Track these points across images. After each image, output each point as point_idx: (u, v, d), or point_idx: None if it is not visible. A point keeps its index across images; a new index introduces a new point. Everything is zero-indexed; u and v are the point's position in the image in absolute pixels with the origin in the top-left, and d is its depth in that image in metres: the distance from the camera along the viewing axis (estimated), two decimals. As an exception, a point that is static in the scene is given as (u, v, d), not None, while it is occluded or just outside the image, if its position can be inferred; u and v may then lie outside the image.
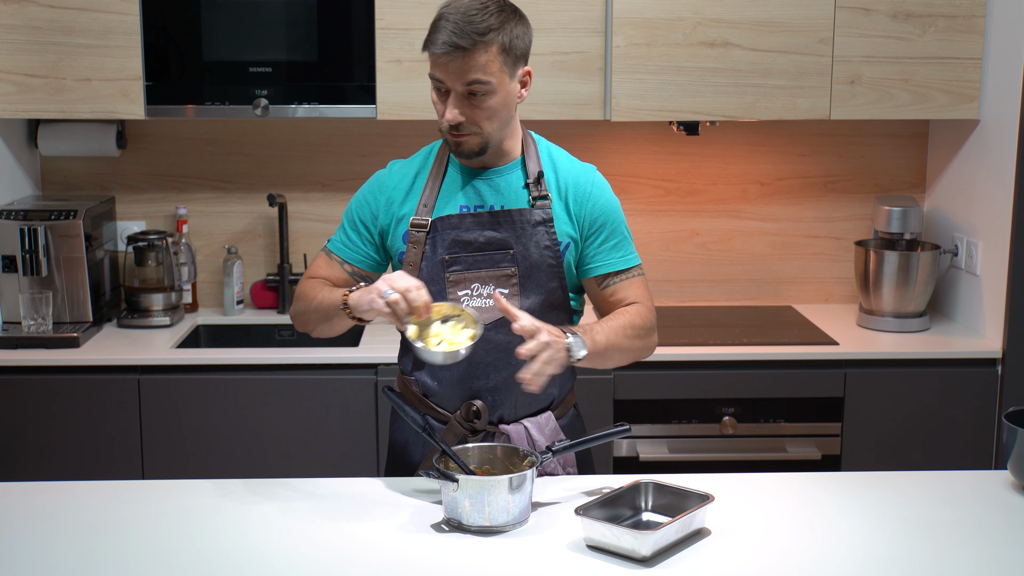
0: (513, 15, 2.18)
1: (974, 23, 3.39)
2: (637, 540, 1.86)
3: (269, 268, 3.81)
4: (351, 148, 3.75)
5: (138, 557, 1.91)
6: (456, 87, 2.14)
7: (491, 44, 2.12)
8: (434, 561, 1.89)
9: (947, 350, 3.37)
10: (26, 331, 3.32)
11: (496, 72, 2.14)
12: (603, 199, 2.30)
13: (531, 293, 2.26)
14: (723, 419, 3.31)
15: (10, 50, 3.33)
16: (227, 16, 3.34)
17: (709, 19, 3.35)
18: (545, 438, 2.29)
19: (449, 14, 2.13)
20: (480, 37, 2.11)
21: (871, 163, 3.83)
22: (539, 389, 2.06)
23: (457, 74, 2.13)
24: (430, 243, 2.25)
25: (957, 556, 1.92)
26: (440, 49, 2.11)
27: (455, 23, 2.11)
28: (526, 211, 2.25)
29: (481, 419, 2.27)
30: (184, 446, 3.24)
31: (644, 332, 2.30)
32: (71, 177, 3.75)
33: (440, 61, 2.13)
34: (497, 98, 2.17)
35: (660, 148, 3.79)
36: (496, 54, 2.13)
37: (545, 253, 2.25)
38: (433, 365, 2.23)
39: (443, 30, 2.12)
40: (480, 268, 2.25)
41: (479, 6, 2.14)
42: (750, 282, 3.88)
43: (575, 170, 2.31)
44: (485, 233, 2.25)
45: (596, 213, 2.29)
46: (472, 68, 2.12)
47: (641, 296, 2.33)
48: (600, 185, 2.31)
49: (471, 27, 2.10)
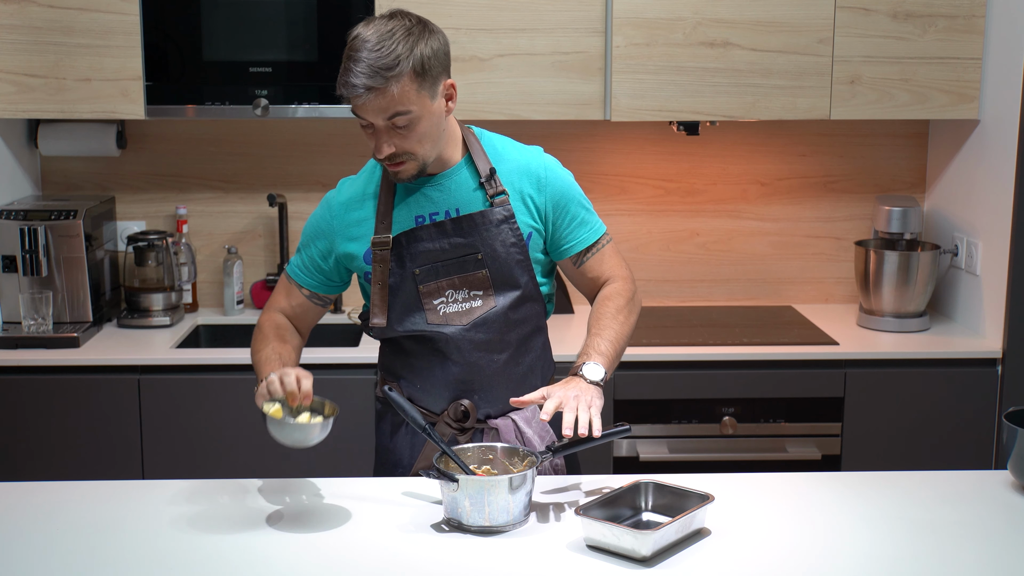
0: (421, 34, 2.12)
1: (974, 23, 3.39)
2: (637, 540, 1.86)
3: (269, 268, 3.81)
4: (351, 148, 3.75)
5: (138, 557, 1.91)
6: (379, 123, 2.12)
7: (402, 75, 2.08)
8: (434, 561, 1.89)
9: (947, 350, 3.37)
10: (26, 331, 3.32)
11: (414, 99, 2.11)
12: (558, 180, 2.30)
13: (504, 291, 2.27)
14: (723, 419, 3.31)
15: (10, 50, 3.33)
16: (227, 16, 3.34)
17: (709, 19, 3.35)
18: (533, 430, 2.30)
19: (355, 53, 2.09)
20: (388, 72, 2.07)
21: (871, 163, 3.83)
22: (598, 432, 2.07)
23: (376, 111, 2.10)
24: (395, 259, 2.25)
25: (957, 556, 1.92)
26: (352, 92, 2.09)
27: (363, 63, 2.07)
28: (487, 212, 2.24)
29: (469, 418, 2.28)
30: (184, 446, 3.24)
31: (632, 306, 2.34)
32: (71, 177, 3.75)
33: (357, 103, 2.11)
34: (423, 123, 2.14)
35: (660, 148, 3.79)
36: (410, 82, 2.09)
37: (512, 250, 2.25)
38: (416, 371, 2.30)
39: (352, 72, 2.08)
40: (451, 274, 2.26)
41: (382, 36, 2.09)
42: (750, 282, 3.88)
43: (523, 158, 2.30)
44: (451, 240, 2.25)
45: (556, 196, 2.29)
46: (389, 104, 2.09)
47: (616, 267, 2.36)
48: (551, 167, 2.31)
49: (379, 63, 2.06)
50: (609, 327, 2.26)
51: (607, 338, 2.24)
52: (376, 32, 2.10)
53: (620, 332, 2.27)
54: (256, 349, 2.30)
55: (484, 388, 2.29)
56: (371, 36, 2.09)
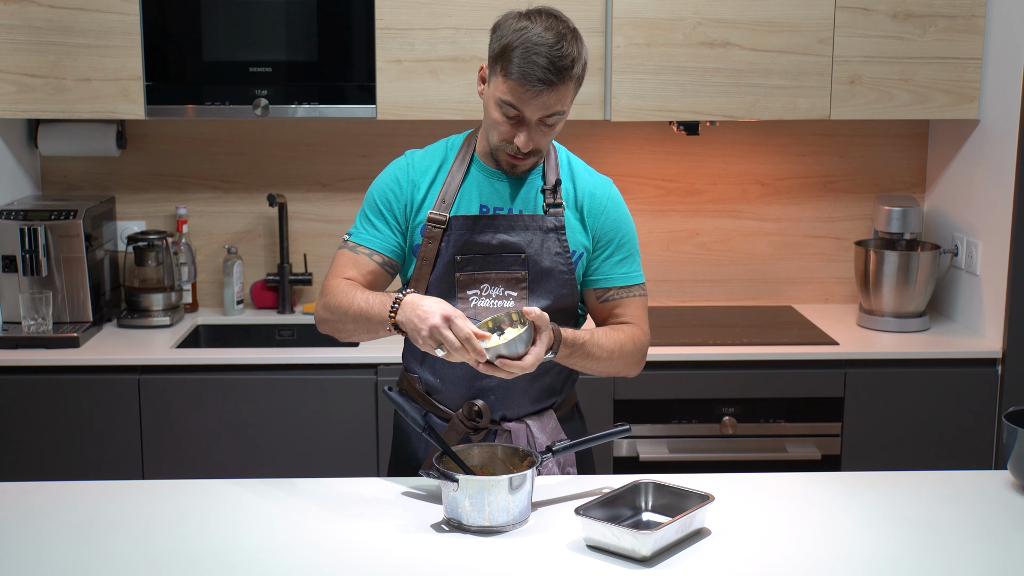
0: (578, 36, 2.15)
1: (974, 23, 3.39)
2: (637, 540, 1.86)
3: (269, 268, 3.81)
4: (351, 148, 3.75)
5: (137, 557, 1.91)
6: (534, 117, 2.14)
7: (572, 77, 2.13)
8: (434, 561, 1.89)
9: (947, 350, 3.37)
10: (26, 331, 3.32)
11: (569, 102, 2.17)
12: (616, 213, 2.31)
13: (540, 297, 2.26)
14: (723, 419, 3.31)
15: (10, 50, 3.33)
16: (227, 16, 3.33)
17: (709, 19, 3.35)
18: (546, 436, 2.29)
19: (536, 45, 2.08)
20: (566, 72, 2.10)
21: (871, 163, 3.83)
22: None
23: (540, 107, 2.12)
24: (445, 240, 2.25)
25: (957, 556, 1.92)
26: (531, 83, 2.09)
27: (547, 57, 2.08)
28: (539, 217, 2.25)
29: (483, 418, 2.28)
30: (184, 446, 3.24)
31: (635, 353, 2.28)
32: (71, 177, 3.75)
33: (525, 95, 2.10)
34: (563, 122, 2.20)
35: (660, 148, 3.79)
36: (573, 85, 2.15)
37: (557, 259, 2.26)
38: (441, 366, 2.26)
39: (535, 64, 2.07)
40: (491, 270, 2.25)
41: (559, 35, 2.10)
42: (750, 282, 3.88)
43: (592, 182, 2.32)
44: (498, 236, 2.25)
45: (608, 227, 2.29)
46: (554, 102, 2.13)
47: (639, 318, 2.31)
48: (615, 199, 2.32)
49: (560, 63, 2.09)
50: (604, 335, 2.23)
51: (593, 338, 2.20)
52: (553, 31, 2.10)
53: (607, 346, 2.22)
54: (346, 303, 2.18)
55: (501, 390, 2.28)
56: (549, 35, 2.10)
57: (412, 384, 2.35)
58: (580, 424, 2.45)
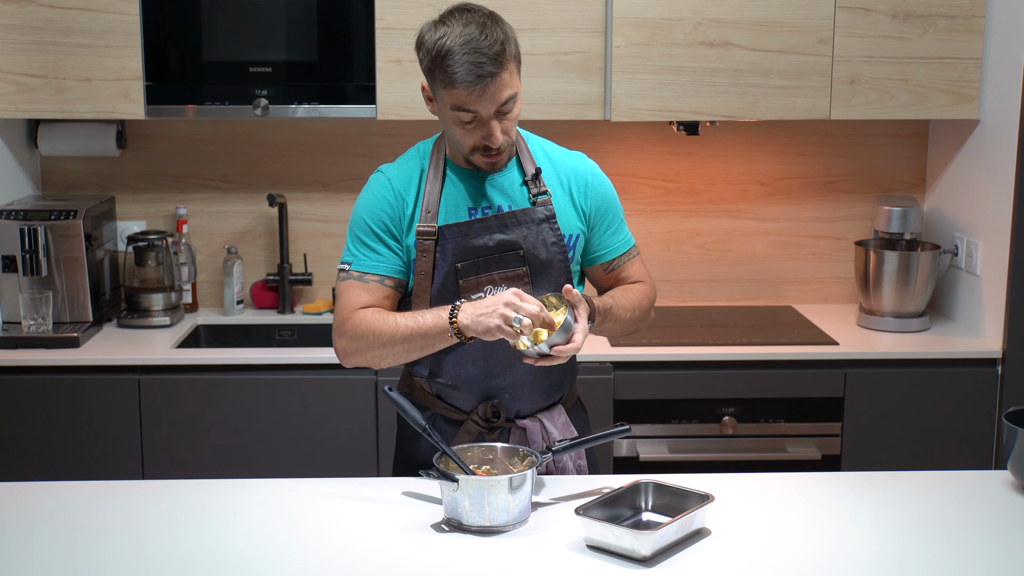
0: (496, 18, 2.16)
1: (974, 23, 3.39)
2: (637, 540, 1.86)
3: (269, 268, 3.81)
4: (351, 148, 3.75)
5: (137, 557, 1.91)
6: (489, 111, 2.14)
7: (509, 59, 2.13)
8: (434, 561, 1.89)
9: (947, 350, 3.37)
10: (26, 331, 3.32)
11: (517, 81, 2.17)
12: (601, 186, 2.35)
13: (542, 288, 2.27)
14: (723, 419, 3.31)
15: (10, 50, 3.33)
16: (227, 16, 3.33)
17: (709, 19, 3.35)
18: (558, 430, 2.31)
19: (463, 45, 2.08)
20: (503, 56, 2.10)
21: (871, 163, 3.83)
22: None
23: (491, 100, 2.12)
24: (440, 250, 2.24)
25: (957, 556, 1.92)
26: (470, 81, 2.08)
27: (478, 51, 2.08)
28: (529, 210, 2.26)
29: (500, 417, 2.28)
30: (184, 446, 3.24)
31: (650, 305, 2.40)
32: (71, 177, 3.75)
33: (473, 95, 2.10)
34: (518, 104, 2.20)
35: (660, 148, 3.79)
36: (514, 65, 2.15)
37: (552, 249, 2.27)
38: (453, 368, 2.27)
39: (470, 63, 2.07)
40: (493, 271, 2.25)
41: (479, 25, 2.11)
42: (750, 282, 3.88)
43: (571, 160, 2.35)
44: (495, 236, 2.25)
45: (599, 201, 2.34)
46: (505, 87, 2.12)
47: (643, 274, 2.42)
48: (596, 172, 2.37)
49: (492, 51, 2.08)
50: (623, 296, 2.32)
51: (616, 301, 2.29)
52: (473, 24, 2.11)
53: (628, 306, 2.31)
54: (386, 331, 2.16)
55: (514, 388, 2.29)
56: (470, 29, 2.10)
57: (421, 387, 2.35)
58: (584, 416, 2.48)
